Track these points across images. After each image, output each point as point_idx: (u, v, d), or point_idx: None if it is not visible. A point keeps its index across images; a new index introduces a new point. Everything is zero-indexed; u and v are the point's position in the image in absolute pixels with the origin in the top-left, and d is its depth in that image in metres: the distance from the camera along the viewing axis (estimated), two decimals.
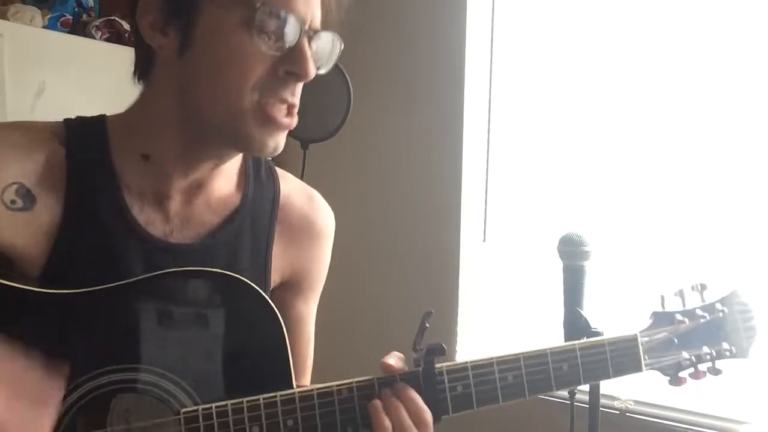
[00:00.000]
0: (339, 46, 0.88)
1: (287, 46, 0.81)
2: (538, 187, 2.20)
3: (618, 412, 1.87)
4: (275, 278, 0.99)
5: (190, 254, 0.88)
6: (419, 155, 2.35)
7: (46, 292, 0.79)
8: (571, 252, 1.08)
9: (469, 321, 2.30)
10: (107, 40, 2.31)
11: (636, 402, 1.87)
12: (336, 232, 1.06)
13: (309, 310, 1.07)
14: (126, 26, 2.35)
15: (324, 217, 1.04)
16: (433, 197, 2.32)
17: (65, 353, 0.78)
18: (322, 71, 0.87)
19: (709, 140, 1.87)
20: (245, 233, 0.94)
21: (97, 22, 2.30)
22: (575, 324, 1.06)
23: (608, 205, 2.04)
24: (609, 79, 2.04)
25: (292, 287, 1.03)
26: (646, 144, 1.98)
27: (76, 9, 2.32)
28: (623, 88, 2.01)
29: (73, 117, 0.90)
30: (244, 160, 0.97)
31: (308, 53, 0.82)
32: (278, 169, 1.02)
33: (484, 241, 2.34)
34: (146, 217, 0.87)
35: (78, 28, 2.30)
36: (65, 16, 2.26)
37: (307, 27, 0.82)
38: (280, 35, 0.80)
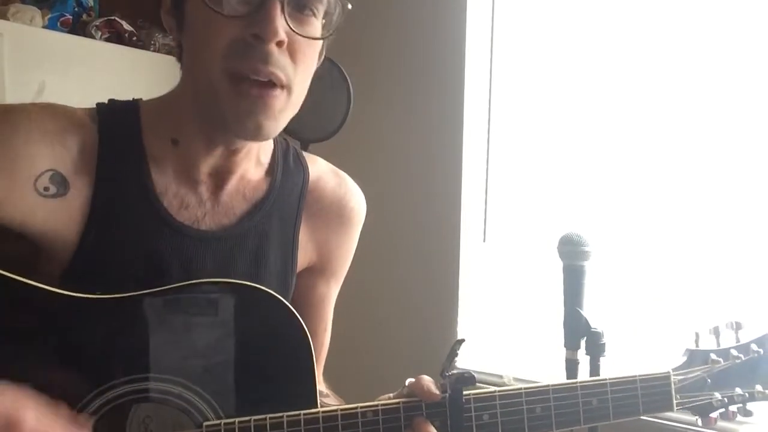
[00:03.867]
0: (338, 6, 0.83)
1: (252, 7, 0.78)
2: (538, 187, 2.19)
3: None
4: (302, 262, 0.98)
5: (220, 242, 0.88)
6: (419, 155, 2.35)
7: (69, 295, 0.77)
8: (571, 252, 1.08)
9: (469, 321, 2.30)
10: (107, 40, 2.31)
11: None
12: None
13: (330, 293, 1.06)
14: (126, 26, 2.35)
15: (356, 200, 1.03)
16: (433, 197, 2.32)
17: (88, 360, 0.78)
18: (312, 32, 0.82)
19: (709, 140, 1.87)
20: (274, 219, 0.94)
21: (97, 22, 2.30)
22: (575, 324, 1.06)
23: (608, 205, 2.03)
24: (609, 79, 2.04)
25: (316, 270, 1.02)
26: (646, 144, 1.98)
27: (76, 9, 2.32)
28: (623, 88, 2.01)
29: (105, 101, 0.90)
30: (275, 147, 0.97)
31: (274, 13, 0.77)
32: (307, 154, 1.01)
33: (484, 241, 2.34)
34: (179, 202, 0.87)
35: (78, 28, 2.30)
36: (65, 16, 2.26)
37: None
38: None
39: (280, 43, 0.79)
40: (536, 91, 2.20)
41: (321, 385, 1.00)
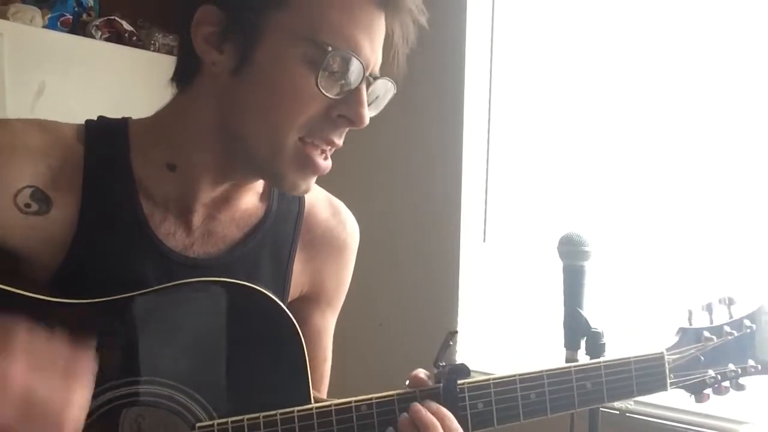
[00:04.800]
0: (392, 91, 0.87)
1: (347, 90, 0.79)
2: (538, 187, 2.19)
3: (618, 412, 1.86)
4: (294, 292, 0.97)
5: (209, 270, 0.85)
6: (419, 155, 2.35)
7: (57, 302, 0.77)
8: (571, 252, 1.08)
9: (469, 321, 2.30)
10: (107, 39, 2.31)
11: (636, 402, 1.86)
12: None
13: (326, 324, 1.05)
14: (126, 26, 2.35)
15: (348, 232, 1.01)
16: (433, 197, 2.32)
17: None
18: (370, 114, 0.84)
19: (709, 139, 1.87)
20: (266, 247, 0.92)
21: (97, 22, 2.30)
22: (575, 324, 1.06)
23: (608, 205, 2.03)
24: (609, 79, 2.04)
25: (310, 300, 1.01)
26: (646, 144, 1.98)
27: (76, 9, 2.32)
28: (623, 88, 2.01)
29: (94, 118, 0.88)
30: None
31: (365, 100, 0.80)
32: None
33: (484, 241, 2.34)
34: (167, 228, 0.85)
35: (78, 27, 2.30)
36: (65, 15, 2.26)
37: (368, 73, 0.80)
38: (342, 79, 0.78)
39: None
40: (536, 91, 2.20)
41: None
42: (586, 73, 2.09)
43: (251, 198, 0.92)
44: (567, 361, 1.07)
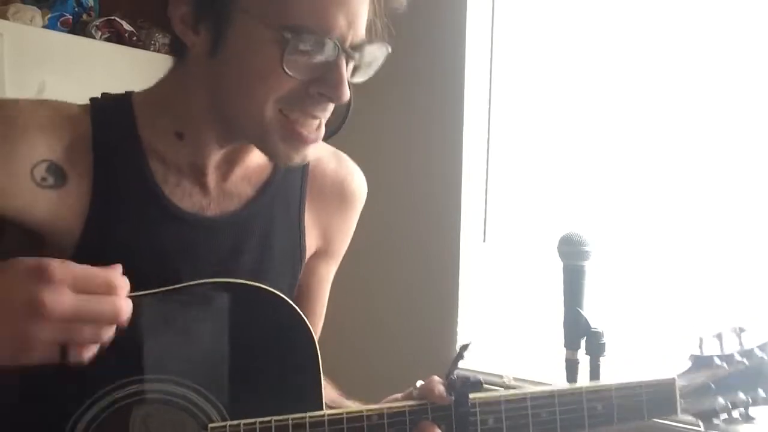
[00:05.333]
0: (384, 52, 0.85)
1: (323, 67, 0.78)
2: (538, 186, 2.19)
3: None
4: (310, 247, 0.98)
5: (226, 228, 0.88)
6: (419, 155, 2.34)
7: None
8: (571, 252, 1.07)
9: (469, 321, 2.30)
10: (107, 39, 2.31)
11: None
12: None
13: (328, 274, 1.06)
14: (126, 26, 2.35)
15: (356, 181, 1.03)
16: (433, 197, 2.32)
17: (92, 360, 0.76)
18: (359, 79, 0.84)
19: (709, 140, 1.87)
20: (278, 203, 0.94)
21: (97, 22, 2.30)
22: (575, 324, 1.06)
23: (608, 205, 2.03)
24: (609, 79, 2.04)
25: (319, 253, 1.02)
26: (647, 144, 1.98)
27: (76, 9, 2.32)
28: (623, 87, 2.01)
29: (98, 96, 0.90)
30: None
31: (343, 75, 0.79)
32: None
33: (484, 241, 2.33)
34: (182, 190, 0.87)
35: (78, 27, 2.30)
36: (65, 15, 2.26)
37: (347, 44, 0.79)
38: (315, 56, 0.77)
39: None
40: (536, 91, 2.20)
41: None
42: (586, 72, 2.09)
43: (260, 155, 0.93)
44: (567, 360, 1.07)
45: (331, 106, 0.83)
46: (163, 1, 0.82)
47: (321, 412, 0.81)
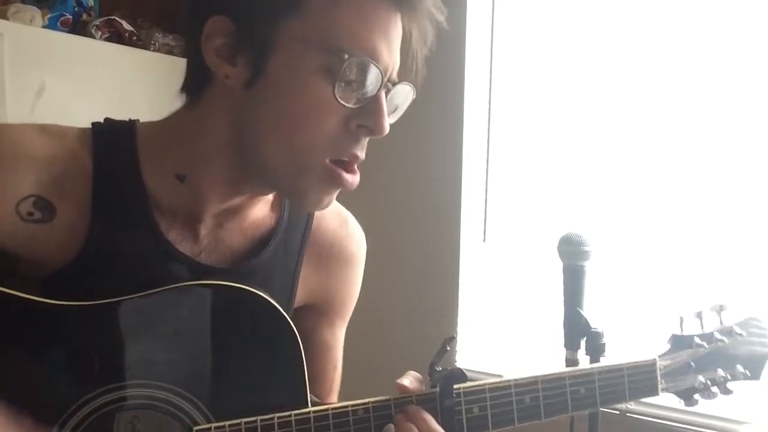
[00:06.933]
0: (411, 97, 0.83)
1: (365, 98, 0.75)
2: (538, 187, 2.19)
3: (618, 412, 1.86)
4: (299, 299, 0.95)
5: (227, 278, 0.83)
6: (419, 155, 2.34)
7: (53, 303, 0.76)
8: (571, 252, 1.08)
9: (469, 321, 2.30)
10: (107, 39, 2.30)
11: (636, 402, 1.86)
12: None
13: (335, 335, 1.04)
14: (126, 26, 2.35)
15: (356, 243, 1.00)
16: (433, 197, 2.32)
17: (72, 369, 0.77)
18: (391, 122, 0.81)
19: (709, 140, 1.87)
20: (278, 258, 0.90)
21: (97, 22, 2.30)
22: (575, 324, 1.06)
23: (608, 205, 2.03)
24: (609, 79, 2.04)
25: (318, 311, 1.00)
26: (647, 144, 1.98)
27: (76, 9, 2.32)
28: (624, 87, 2.01)
29: (101, 121, 0.86)
30: None
31: (384, 107, 0.77)
32: None
33: (484, 241, 2.34)
34: (175, 235, 0.83)
35: (78, 27, 2.30)
36: (65, 15, 2.26)
37: (386, 79, 0.77)
38: (360, 87, 0.74)
39: None
40: (536, 91, 2.20)
41: None
42: (586, 73, 2.09)
43: (262, 208, 0.90)
44: (567, 361, 1.07)
45: (366, 143, 0.80)
46: (191, 33, 0.77)
47: (306, 410, 0.81)
